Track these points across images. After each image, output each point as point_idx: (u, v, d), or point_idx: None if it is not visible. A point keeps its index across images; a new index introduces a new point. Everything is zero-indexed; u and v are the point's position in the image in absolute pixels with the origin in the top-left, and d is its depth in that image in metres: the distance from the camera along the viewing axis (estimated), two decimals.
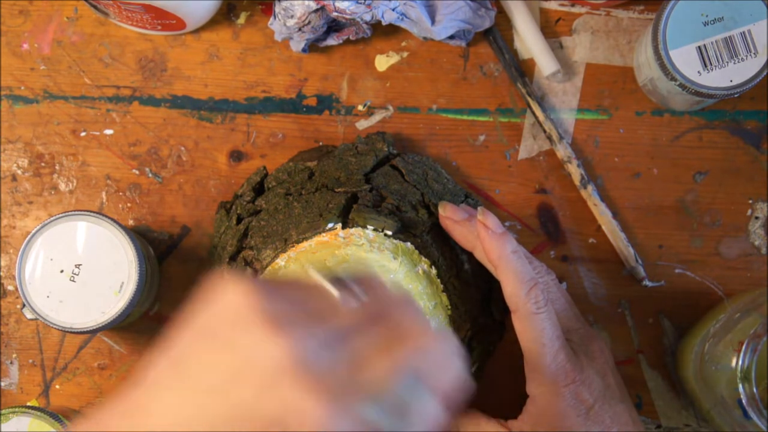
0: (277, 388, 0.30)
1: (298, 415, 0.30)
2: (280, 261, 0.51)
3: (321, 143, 0.57)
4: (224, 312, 0.33)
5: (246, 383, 0.31)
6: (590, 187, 0.55)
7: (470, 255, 0.52)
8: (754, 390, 0.45)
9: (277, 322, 0.31)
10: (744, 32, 0.50)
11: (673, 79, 0.50)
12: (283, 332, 0.31)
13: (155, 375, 0.33)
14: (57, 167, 0.57)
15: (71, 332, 0.50)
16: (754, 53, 0.50)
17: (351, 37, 0.56)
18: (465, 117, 0.57)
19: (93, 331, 0.50)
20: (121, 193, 0.57)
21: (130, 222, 0.57)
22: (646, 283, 0.55)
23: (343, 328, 0.33)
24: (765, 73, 0.50)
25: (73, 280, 0.51)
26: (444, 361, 0.34)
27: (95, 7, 0.54)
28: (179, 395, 0.32)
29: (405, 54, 0.57)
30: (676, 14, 0.50)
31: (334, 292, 0.34)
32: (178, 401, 0.32)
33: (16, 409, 0.50)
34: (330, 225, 0.51)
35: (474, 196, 0.56)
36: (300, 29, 0.54)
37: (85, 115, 0.58)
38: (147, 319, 0.56)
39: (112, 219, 0.50)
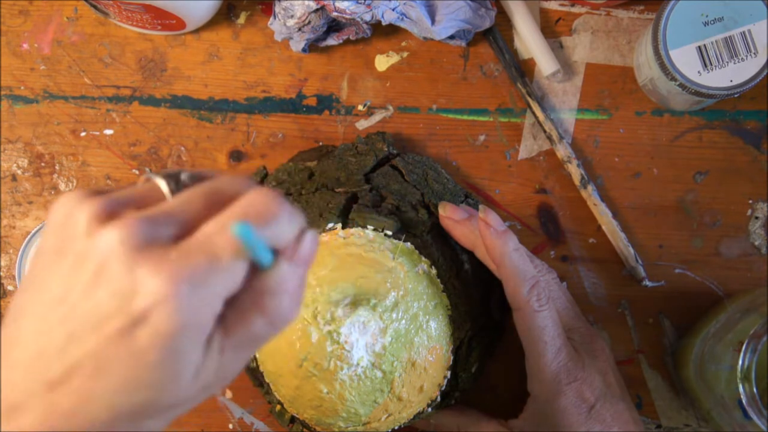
0: (113, 276, 0.31)
1: (142, 297, 0.30)
2: None
3: (321, 143, 0.57)
4: (52, 226, 0.33)
5: (81, 280, 0.31)
6: (590, 187, 0.55)
7: (470, 255, 0.52)
8: (754, 390, 0.45)
9: (102, 215, 0.32)
10: (744, 32, 0.50)
11: (673, 79, 0.50)
12: (110, 222, 0.31)
13: (13, 308, 0.34)
14: (57, 167, 0.57)
15: None
16: (754, 53, 0.50)
17: (351, 37, 0.56)
18: (465, 117, 0.57)
19: None
20: None
21: None
22: (646, 283, 0.55)
23: (169, 209, 0.33)
24: (765, 73, 0.50)
25: None
26: (267, 204, 0.33)
27: (95, 7, 0.54)
28: (36, 317, 0.32)
29: (405, 54, 0.57)
30: (676, 14, 0.50)
31: (161, 183, 0.35)
32: (37, 323, 0.32)
33: None
34: (330, 225, 0.51)
35: (474, 196, 0.56)
36: (300, 29, 0.54)
37: (85, 115, 0.58)
38: None
39: None
